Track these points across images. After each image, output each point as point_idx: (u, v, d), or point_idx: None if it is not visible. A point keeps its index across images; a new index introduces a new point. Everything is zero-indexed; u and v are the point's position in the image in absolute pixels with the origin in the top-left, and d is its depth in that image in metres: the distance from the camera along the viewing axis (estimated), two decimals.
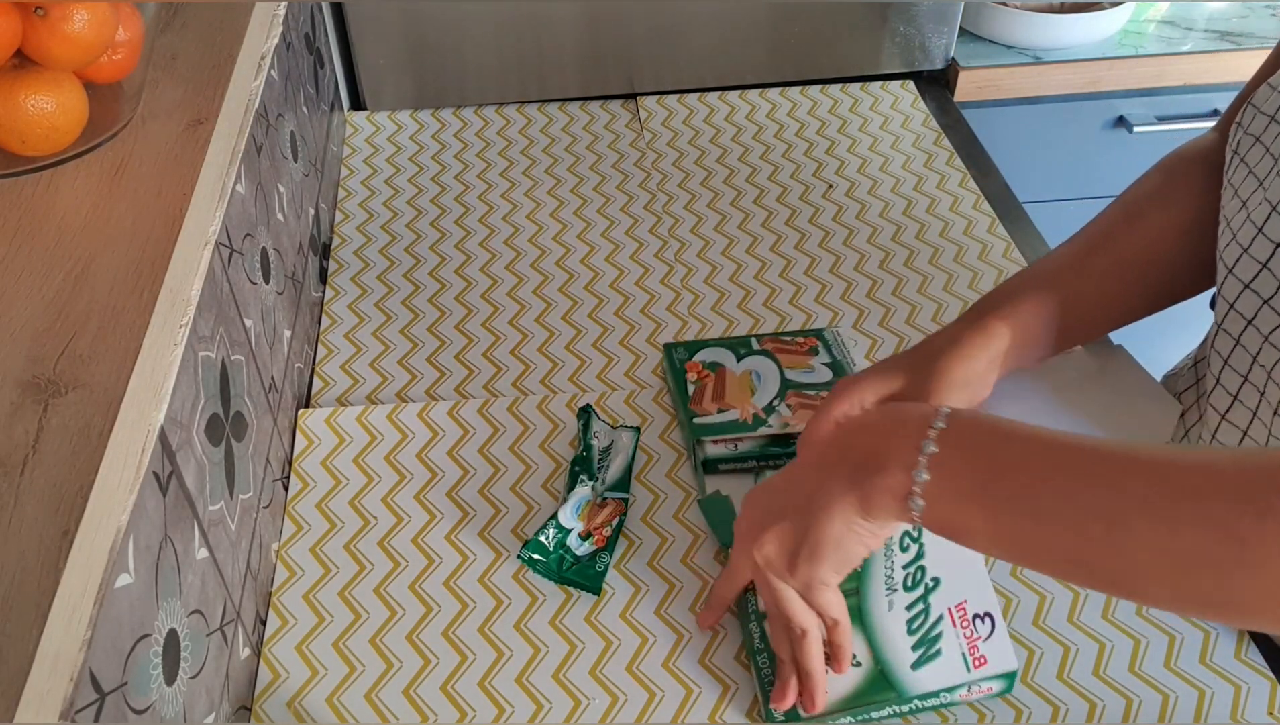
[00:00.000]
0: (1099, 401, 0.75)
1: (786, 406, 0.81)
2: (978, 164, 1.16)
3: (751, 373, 0.84)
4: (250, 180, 0.77)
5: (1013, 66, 1.29)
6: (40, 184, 0.61)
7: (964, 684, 0.64)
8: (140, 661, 0.49)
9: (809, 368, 0.84)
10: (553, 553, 0.73)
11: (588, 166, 1.15)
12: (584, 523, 0.75)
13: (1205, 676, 0.68)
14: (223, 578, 0.63)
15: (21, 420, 0.47)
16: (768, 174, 1.13)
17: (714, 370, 0.84)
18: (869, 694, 0.64)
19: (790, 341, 0.87)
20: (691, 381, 0.84)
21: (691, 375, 0.84)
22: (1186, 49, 1.32)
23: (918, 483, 0.52)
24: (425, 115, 1.23)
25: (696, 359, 0.86)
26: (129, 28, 0.64)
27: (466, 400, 0.87)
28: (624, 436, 0.82)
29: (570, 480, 0.78)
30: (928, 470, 0.52)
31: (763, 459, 0.79)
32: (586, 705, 0.67)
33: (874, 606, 0.66)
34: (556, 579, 0.73)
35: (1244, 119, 0.67)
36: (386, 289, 1.00)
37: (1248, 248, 0.63)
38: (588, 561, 0.73)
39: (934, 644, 0.65)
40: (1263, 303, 0.62)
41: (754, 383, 0.83)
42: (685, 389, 0.83)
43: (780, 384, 0.83)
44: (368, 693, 0.68)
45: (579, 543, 0.74)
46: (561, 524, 0.74)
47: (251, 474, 0.71)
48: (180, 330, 0.54)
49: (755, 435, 0.79)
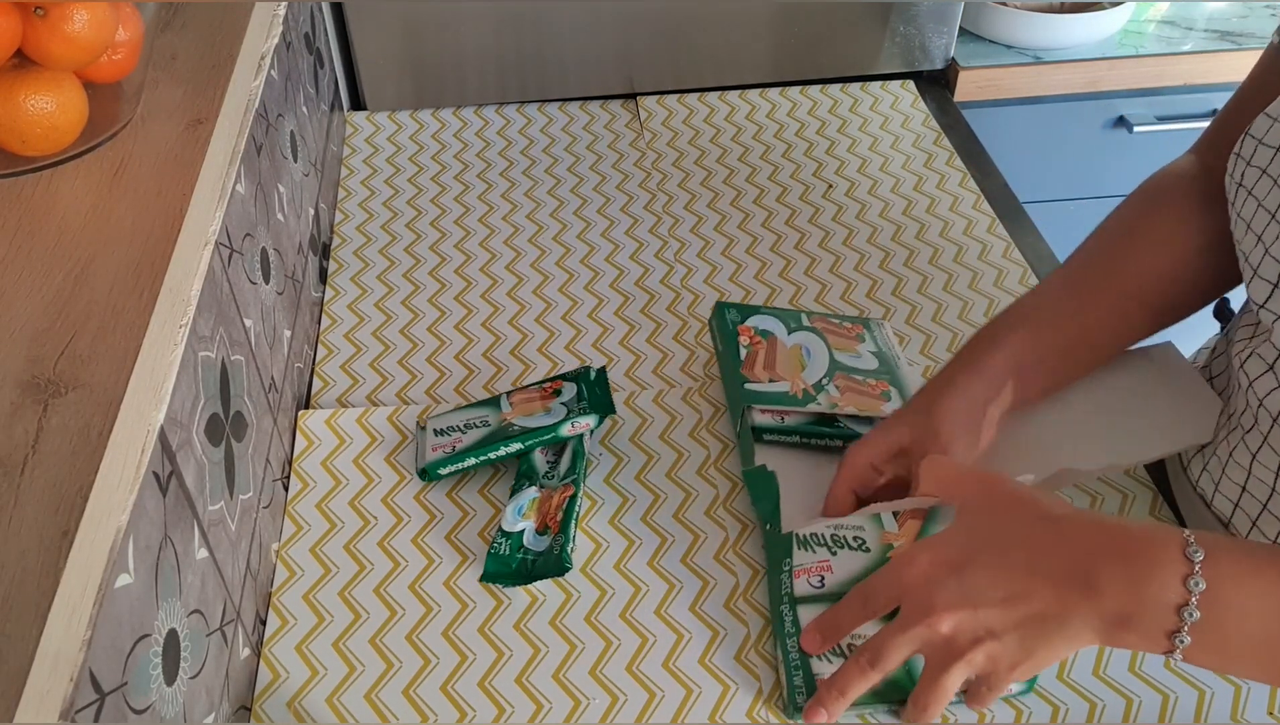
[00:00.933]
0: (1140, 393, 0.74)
1: (835, 387, 0.79)
2: (978, 164, 1.16)
3: (802, 347, 0.82)
4: (250, 180, 0.77)
5: (1013, 66, 1.29)
6: (40, 184, 0.61)
7: None
8: (140, 661, 0.49)
9: (856, 353, 0.83)
10: (512, 559, 0.73)
11: (588, 166, 1.15)
12: (535, 518, 0.75)
13: (1205, 676, 0.68)
14: (223, 578, 0.63)
15: (21, 420, 0.47)
16: (768, 174, 1.13)
17: (765, 337, 0.82)
18: (894, 689, 0.63)
19: (839, 324, 0.86)
20: (744, 345, 0.81)
21: (744, 339, 0.82)
22: (1186, 49, 1.32)
23: (1180, 644, 0.52)
24: (425, 115, 1.23)
25: (749, 323, 0.84)
26: (129, 28, 0.64)
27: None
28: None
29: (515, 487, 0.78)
30: (1190, 634, 0.51)
31: (808, 436, 0.78)
32: (586, 705, 0.67)
33: None
34: (525, 582, 0.72)
35: (1244, 150, 0.65)
36: (386, 289, 1.00)
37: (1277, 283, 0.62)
38: (547, 551, 0.73)
39: None
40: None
41: (804, 357, 0.81)
42: (738, 352, 0.81)
43: (829, 364, 0.81)
44: (368, 693, 0.68)
45: (535, 538, 0.74)
46: (506, 531, 0.74)
47: (251, 474, 0.71)
48: (180, 330, 0.54)
49: (804, 411, 0.78)
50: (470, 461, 0.78)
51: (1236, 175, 0.66)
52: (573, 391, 0.82)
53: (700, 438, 0.84)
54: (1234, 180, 0.66)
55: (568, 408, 0.80)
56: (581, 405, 0.80)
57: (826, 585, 0.67)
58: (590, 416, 0.79)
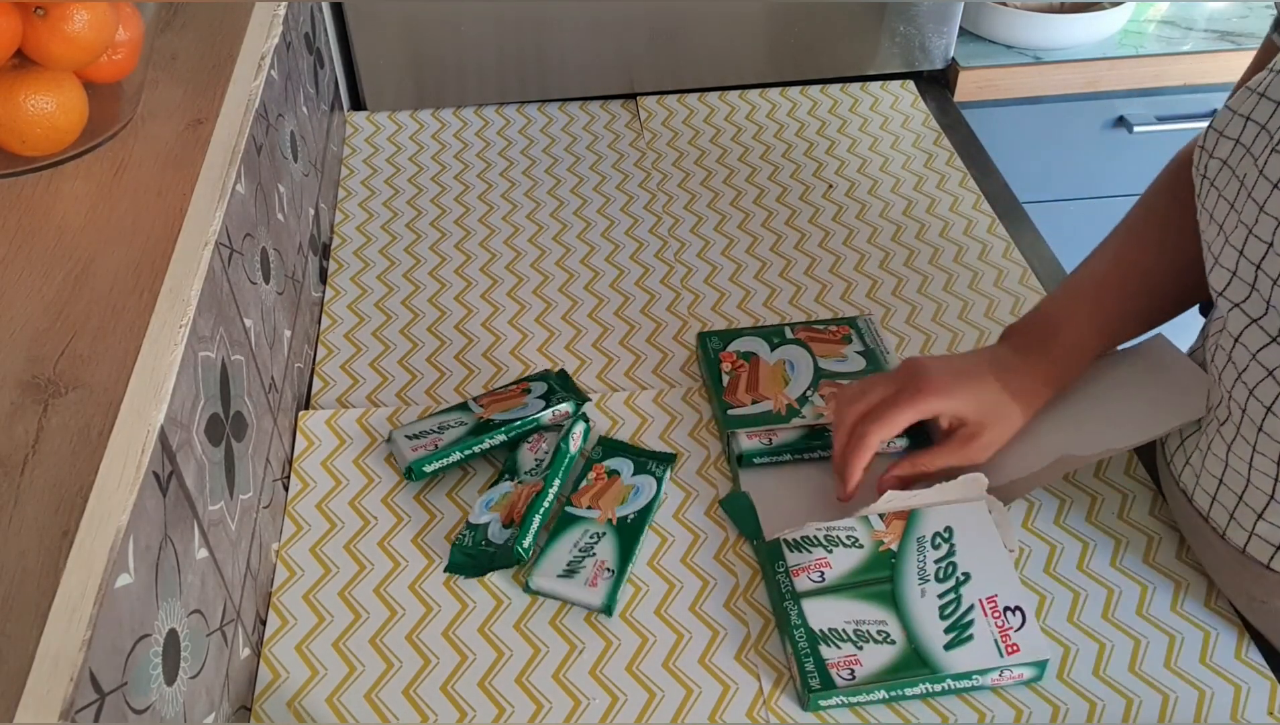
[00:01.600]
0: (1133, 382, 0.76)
1: (819, 397, 0.81)
2: (978, 164, 1.16)
3: (785, 362, 0.84)
4: (250, 180, 0.77)
5: (1013, 66, 1.29)
6: (40, 184, 0.61)
7: (996, 668, 0.65)
8: (140, 661, 0.49)
9: (842, 357, 0.85)
10: (475, 551, 0.74)
11: (588, 166, 1.15)
12: (503, 512, 0.75)
13: (1205, 676, 0.68)
14: (223, 578, 0.63)
15: (21, 420, 0.47)
16: (768, 174, 1.13)
17: (748, 360, 0.85)
18: (903, 669, 0.65)
19: (824, 330, 0.88)
20: (726, 372, 0.84)
21: (726, 365, 0.84)
22: (1186, 49, 1.32)
23: None
24: (425, 115, 1.23)
25: (731, 349, 0.86)
26: (129, 28, 0.64)
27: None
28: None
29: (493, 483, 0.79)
30: None
31: (798, 452, 0.79)
32: (586, 705, 0.67)
33: (907, 593, 0.68)
34: (485, 571, 0.73)
35: (1207, 143, 0.67)
36: (386, 289, 1.00)
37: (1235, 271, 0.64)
38: (504, 543, 0.73)
39: (966, 629, 0.66)
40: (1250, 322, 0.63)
41: (787, 372, 0.83)
42: (720, 380, 0.83)
43: (814, 373, 0.83)
44: (368, 693, 0.68)
45: (500, 531, 0.74)
46: (471, 523, 0.75)
47: (251, 474, 0.71)
48: (180, 330, 0.54)
49: (789, 427, 0.79)
50: (456, 456, 0.79)
51: (1200, 167, 0.67)
52: (543, 388, 0.85)
53: (700, 438, 0.84)
54: (1198, 171, 0.68)
55: (545, 400, 0.83)
56: (558, 396, 0.83)
57: (827, 579, 0.69)
58: (569, 403, 0.82)
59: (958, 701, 0.67)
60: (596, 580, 0.71)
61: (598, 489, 0.77)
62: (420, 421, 0.83)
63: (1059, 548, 0.76)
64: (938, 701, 0.66)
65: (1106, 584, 0.73)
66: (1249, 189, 0.62)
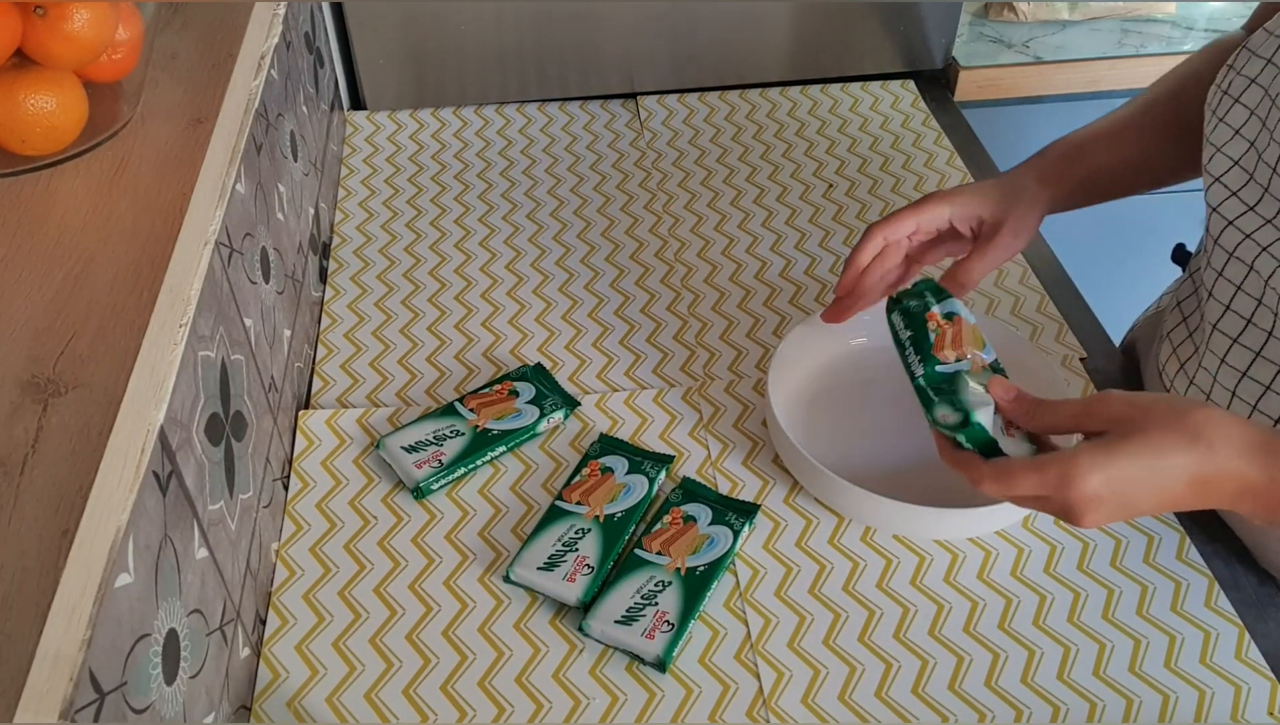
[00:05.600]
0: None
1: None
2: (978, 164, 1.16)
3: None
4: (250, 180, 0.77)
5: (1013, 66, 1.29)
6: (40, 184, 0.61)
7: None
8: (140, 661, 0.49)
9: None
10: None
11: (588, 166, 1.15)
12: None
13: (1205, 676, 0.68)
14: (222, 577, 0.63)
15: (21, 420, 0.47)
16: (768, 173, 1.13)
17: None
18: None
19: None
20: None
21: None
22: (1186, 49, 1.32)
23: None
24: (425, 115, 1.23)
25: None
26: (129, 27, 0.64)
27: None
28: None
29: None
30: None
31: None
32: (586, 705, 0.67)
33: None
34: None
35: (1223, 82, 0.71)
36: (386, 289, 1.00)
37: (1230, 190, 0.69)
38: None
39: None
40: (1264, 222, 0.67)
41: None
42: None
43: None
44: (368, 693, 0.68)
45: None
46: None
47: (251, 474, 0.71)
48: (180, 330, 0.54)
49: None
50: (461, 471, 0.80)
51: (1212, 104, 0.71)
52: (530, 391, 0.85)
53: (700, 438, 0.84)
54: (1210, 108, 0.71)
55: (538, 407, 0.84)
56: (549, 401, 0.85)
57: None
58: (560, 411, 0.84)
59: (958, 701, 0.67)
60: (654, 633, 0.69)
61: (672, 534, 0.75)
62: (411, 427, 0.82)
63: (1059, 548, 0.76)
64: (939, 702, 0.66)
65: (1106, 584, 0.73)
66: (1272, 97, 0.66)
